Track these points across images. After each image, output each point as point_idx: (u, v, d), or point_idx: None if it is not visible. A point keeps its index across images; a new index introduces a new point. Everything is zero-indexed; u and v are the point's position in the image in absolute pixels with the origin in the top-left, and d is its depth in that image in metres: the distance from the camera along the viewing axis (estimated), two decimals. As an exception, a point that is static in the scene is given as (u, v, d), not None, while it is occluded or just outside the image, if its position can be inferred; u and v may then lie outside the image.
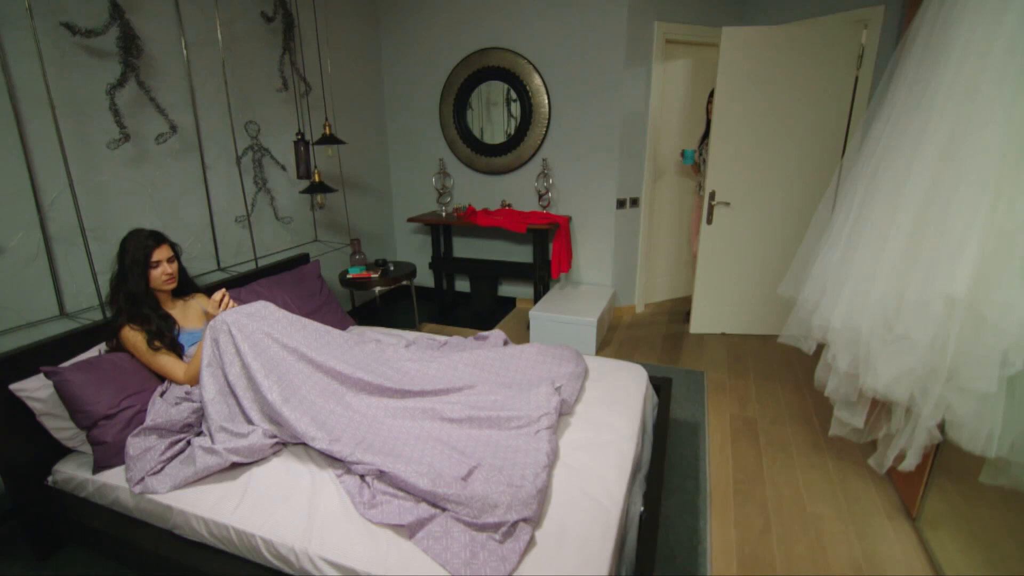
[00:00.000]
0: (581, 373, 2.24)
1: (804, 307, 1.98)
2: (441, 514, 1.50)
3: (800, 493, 2.23)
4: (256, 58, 3.10)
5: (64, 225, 2.21)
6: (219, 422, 1.79)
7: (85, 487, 1.81)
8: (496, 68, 3.97)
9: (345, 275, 3.47)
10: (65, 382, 1.77)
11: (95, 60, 2.28)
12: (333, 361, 2.03)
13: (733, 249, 3.81)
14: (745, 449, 2.52)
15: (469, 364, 2.25)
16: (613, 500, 1.58)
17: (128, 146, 2.40)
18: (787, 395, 3.01)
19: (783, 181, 3.67)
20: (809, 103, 3.50)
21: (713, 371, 3.28)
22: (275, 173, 3.27)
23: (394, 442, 1.81)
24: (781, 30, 3.56)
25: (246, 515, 1.56)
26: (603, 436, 1.89)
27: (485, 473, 1.59)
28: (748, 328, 3.93)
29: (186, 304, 2.22)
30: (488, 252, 4.46)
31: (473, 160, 4.26)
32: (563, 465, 1.74)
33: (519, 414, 1.86)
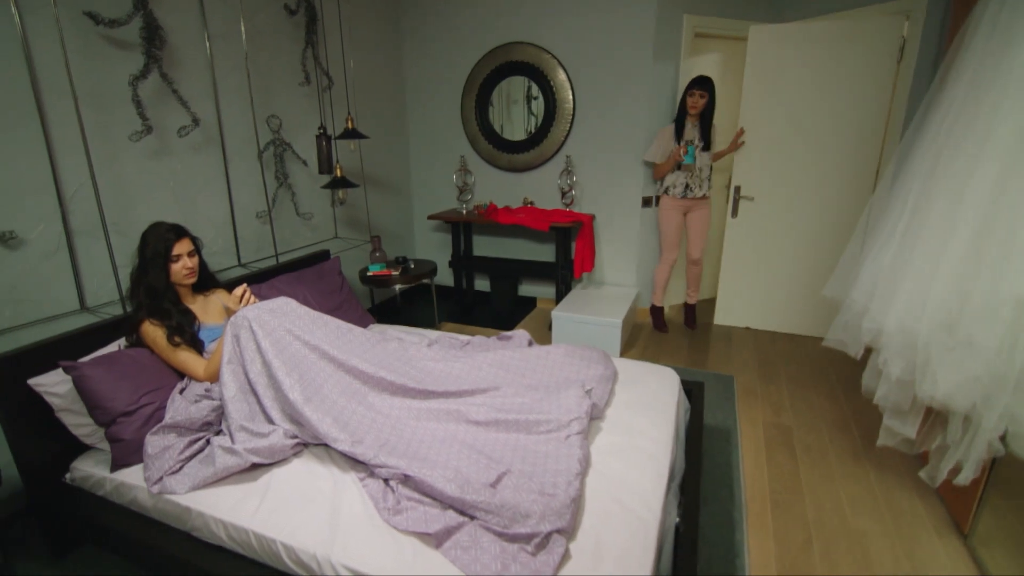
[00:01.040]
0: (611, 376, 2.15)
1: (851, 309, 1.87)
2: (469, 522, 1.42)
3: (842, 506, 2.11)
4: (278, 52, 3.06)
5: (85, 218, 2.18)
6: (239, 421, 1.73)
7: (103, 485, 1.77)
8: (520, 63, 3.89)
9: (365, 272, 3.41)
10: (84, 377, 1.73)
11: (118, 51, 2.24)
12: (355, 360, 1.96)
13: (758, 244, 3.83)
14: (781, 458, 2.41)
15: (494, 365, 2.17)
16: (651, 512, 1.50)
17: (150, 138, 2.37)
18: (822, 401, 2.88)
19: (813, 177, 3.59)
20: (843, 98, 3.39)
21: (743, 375, 3.17)
22: (296, 168, 3.23)
23: (418, 445, 1.73)
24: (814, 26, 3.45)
25: (266, 519, 1.50)
26: (636, 443, 1.80)
27: (515, 480, 1.51)
28: (774, 325, 3.91)
29: (207, 299, 2.17)
30: (509, 251, 4.38)
31: (495, 157, 4.19)
32: (595, 473, 1.65)
33: (548, 418, 1.78)
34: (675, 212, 3.67)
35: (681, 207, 3.67)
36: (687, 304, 3.99)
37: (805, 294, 3.73)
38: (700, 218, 3.69)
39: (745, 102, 3.75)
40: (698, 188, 3.59)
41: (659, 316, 3.93)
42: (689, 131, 3.51)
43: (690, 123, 3.50)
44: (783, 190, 3.68)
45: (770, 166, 3.71)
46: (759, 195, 3.76)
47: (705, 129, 3.50)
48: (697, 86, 3.38)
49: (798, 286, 3.75)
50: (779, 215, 3.72)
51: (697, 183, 3.59)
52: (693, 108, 3.42)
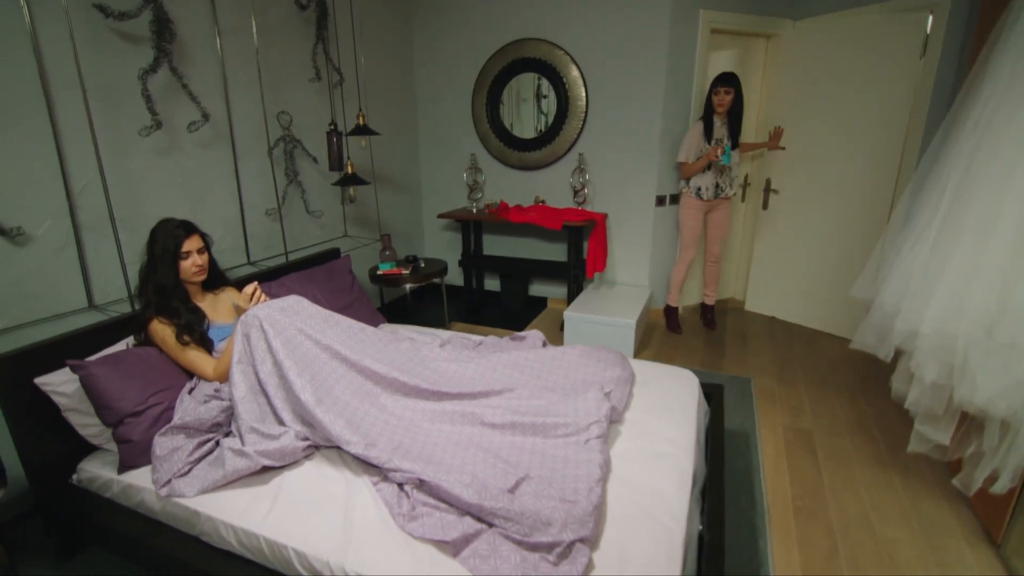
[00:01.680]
0: (628, 378, 2.09)
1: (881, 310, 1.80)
2: (488, 530, 1.37)
3: (867, 513, 2.05)
4: (289, 47, 3.02)
5: (93, 214, 2.14)
6: (249, 422, 1.68)
7: (110, 487, 1.73)
8: (532, 60, 3.84)
9: (375, 271, 3.37)
10: (91, 376, 1.69)
11: (127, 44, 2.21)
12: (368, 360, 1.92)
13: (784, 238, 3.90)
14: (802, 463, 2.35)
15: (508, 366, 2.12)
16: (676, 520, 1.44)
17: (159, 134, 2.33)
18: (842, 404, 2.81)
19: (837, 173, 3.57)
20: (867, 93, 3.34)
21: (760, 378, 3.10)
22: (306, 165, 3.19)
23: (432, 448, 1.68)
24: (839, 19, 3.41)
25: (277, 524, 1.46)
26: (657, 447, 1.75)
27: (534, 486, 1.46)
28: (797, 318, 3.95)
29: (216, 297, 2.13)
30: (519, 250, 4.33)
31: (506, 155, 4.14)
32: (616, 478, 1.60)
33: (566, 421, 1.73)
34: (698, 211, 3.58)
35: (704, 207, 3.58)
36: (704, 304, 3.91)
37: (827, 290, 3.71)
38: (723, 216, 3.63)
39: (774, 97, 3.83)
40: (729, 188, 3.53)
41: (674, 317, 3.86)
42: (718, 129, 3.41)
43: (718, 121, 3.41)
44: (808, 185, 3.72)
45: (796, 160, 3.75)
46: (784, 189, 3.84)
47: (734, 127, 3.40)
48: (722, 83, 3.28)
49: (820, 282, 3.75)
50: (803, 210, 3.77)
51: (727, 182, 3.52)
52: (720, 106, 3.32)
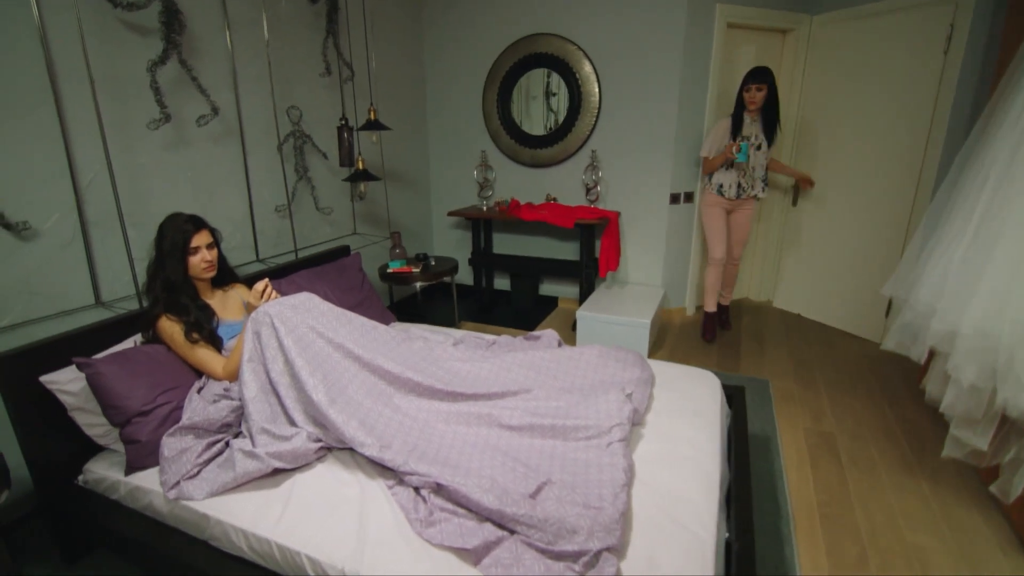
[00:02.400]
0: (648, 379, 2.02)
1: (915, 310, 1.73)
2: (509, 537, 1.31)
3: (896, 519, 1.98)
4: (299, 41, 2.97)
5: (101, 209, 2.09)
6: (260, 423, 1.63)
7: (117, 489, 1.68)
8: (544, 55, 3.78)
9: (385, 269, 3.32)
10: (98, 375, 1.64)
11: (136, 36, 2.16)
12: (381, 359, 1.86)
13: (810, 235, 3.90)
14: (826, 467, 2.28)
15: (524, 366, 2.06)
16: (706, 528, 1.37)
17: (168, 128, 2.29)
18: (864, 408, 2.74)
19: (862, 170, 3.51)
20: (887, 89, 3.29)
21: (778, 380, 3.03)
22: (316, 161, 3.14)
23: (448, 450, 1.63)
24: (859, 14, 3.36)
25: (290, 529, 1.40)
26: (681, 451, 1.68)
27: (557, 491, 1.40)
28: (822, 316, 3.92)
29: (226, 294, 2.08)
30: (530, 249, 4.27)
31: (517, 152, 4.08)
32: (640, 484, 1.53)
33: (587, 423, 1.67)
34: (719, 210, 3.44)
35: (727, 205, 3.43)
36: (720, 304, 3.78)
37: (848, 289, 3.67)
38: (745, 218, 3.49)
39: (792, 94, 3.82)
40: (751, 188, 3.37)
41: (710, 323, 3.63)
42: (748, 127, 3.26)
43: (749, 118, 3.26)
44: (832, 182, 3.69)
45: (820, 157, 3.73)
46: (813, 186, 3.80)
47: (769, 124, 3.24)
48: (753, 79, 3.12)
49: (843, 280, 3.71)
50: (827, 207, 3.75)
51: (750, 182, 3.36)
52: (752, 104, 3.17)
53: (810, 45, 3.69)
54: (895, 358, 3.26)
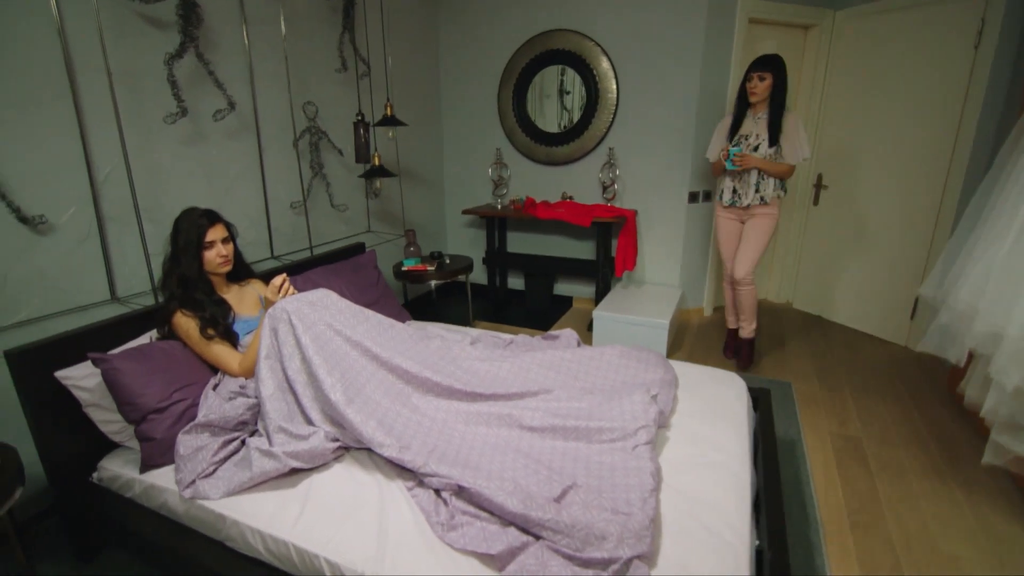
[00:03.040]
0: (671, 380, 1.97)
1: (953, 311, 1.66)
2: (534, 543, 1.26)
3: (929, 528, 1.91)
4: (315, 37, 2.94)
5: (117, 203, 2.07)
6: (278, 421, 1.60)
7: (131, 487, 1.65)
8: (561, 51, 3.73)
9: (400, 267, 3.28)
10: (114, 371, 1.61)
11: (153, 29, 2.14)
12: (399, 358, 1.82)
13: (832, 235, 3.81)
14: (854, 473, 2.21)
15: (544, 366, 2.02)
16: (738, 535, 1.32)
17: (184, 122, 2.26)
18: (891, 411, 2.66)
19: (885, 169, 3.43)
20: (915, 86, 3.21)
21: (801, 382, 2.95)
22: (331, 158, 3.11)
23: (468, 451, 1.58)
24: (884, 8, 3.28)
25: (308, 530, 1.36)
26: (709, 455, 1.63)
27: (583, 495, 1.35)
28: (843, 318, 3.82)
29: (242, 290, 2.05)
30: (544, 247, 4.22)
31: (532, 150, 4.03)
32: (668, 488, 1.48)
33: (612, 425, 1.62)
34: (725, 220, 3.11)
35: (735, 215, 3.06)
36: (734, 332, 3.29)
37: (872, 290, 3.59)
38: (752, 229, 2.99)
39: (814, 91, 3.74)
40: (745, 195, 2.92)
41: (729, 340, 3.33)
42: (749, 124, 2.88)
43: (751, 115, 2.88)
44: (856, 181, 3.61)
45: (844, 156, 3.65)
46: (834, 184, 3.75)
47: (774, 121, 2.78)
48: (755, 67, 2.76)
49: (866, 281, 3.63)
50: (851, 206, 3.66)
51: (745, 189, 2.92)
52: (752, 95, 2.79)
53: (833, 41, 3.62)
54: (921, 361, 3.18)
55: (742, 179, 2.93)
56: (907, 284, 3.32)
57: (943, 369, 3.05)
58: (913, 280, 3.29)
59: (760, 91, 2.78)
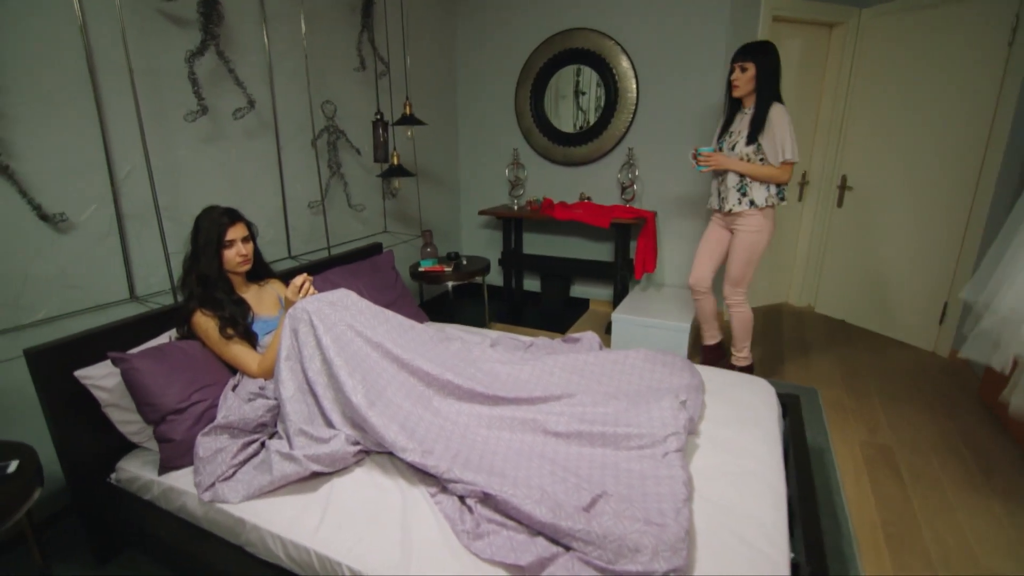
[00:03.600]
0: (699, 385, 1.91)
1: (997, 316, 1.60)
2: (564, 553, 1.22)
3: (968, 542, 1.83)
4: (334, 35, 2.92)
5: (136, 201, 2.06)
6: (298, 424, 1.56)
7: (150, 489, 1.62)
8: (580, 51, 3.69)
9: (416, 268, 3.25)
10: (133, 370, 1.59)
11: (174, 27, 2.13)
12: (420, 360, 1.78)
13: (857, 238, 3.72)
14: (886, 483, 2.13)
15: (566, 369, 1.97)
16: (777, 549, 1.26)
17: (204, 121, 2.25)
18: (922, 419, 2.58)
19: (914, 170, 3.34)
20: (945, 85, 3.12)
21: (827, 388, 2.88)
22: (349, 157, 3.09)
23: (492, 457, 1.54)
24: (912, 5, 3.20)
25: (329, 537, 1.33)
26: (741, 464, 1.57)
27: (613, 505, 1.30)
28: (868, 322, 3.73)
29: (261, 289, 2.03)
30: (560, 249, 4.17)
31: (549, 150, 3.99)
32: (700, 498, 1.43)
33: (640, 432, 1.57)
34: (712, 223, 2.82)
35: (721, 220, 2.77)
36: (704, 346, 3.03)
37: (899, 294, 3.50)
38: (734, 244, 2.68)
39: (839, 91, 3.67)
40: (725, 200, 2.62)
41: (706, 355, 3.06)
42: (738, 120, 2.60)
43: (742, 110, 2.58)
44: (883, 183, 3.52)
45: (871, 156, 3.57)
46: (859, 186, 3.66)
47: (756, 116, 2.47)
48: (736, 56, 2.49)
49: (893, 285, 3.54)
50: (878, 208, 3.57)
51: (725, 193, 2.62)
52: (735, 88, 2.51)
53: (858, 39, 3.54)
54: (950, 367, 3.09)
55: (723, 181, 2.65)
56: (936, 288, 3.24)
57: (974, 376, 2.96)
58: (942, 284, 3.20)
59: (742, 83, 2.50)
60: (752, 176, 2.52)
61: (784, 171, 2.48)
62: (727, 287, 2.77)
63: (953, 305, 3.15)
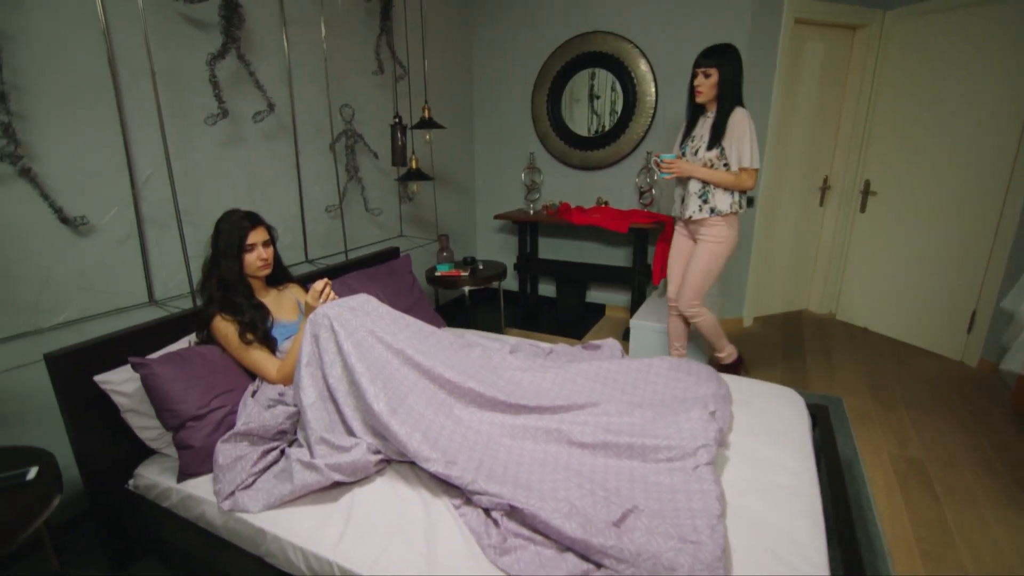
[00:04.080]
0: (726, 395, 1.86)
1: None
2: (595, 571, 1.18)
3: (1007, 560, 1.77)
4: (352, 39, 2.91)
5: (156, 204, 2.05)
6: (319, 432, 1.53)
7: (168, 496, 1.60)
8: (598, 54, 3.65)
9: (432, 272, 3.23)
10: (154, 376, 1.57)
11: (195, 30, 2.12)
12: (441, 367, 1.75)
13: (881, 243, 3.65)
14: (919, 498, 2.07)
15: (589, 377, 1.93)
16: (815, 567, 1.21)
17: (224, 124, 2.23)
18: (953, 431, 2.51)
19: (940, 175, 3.27)
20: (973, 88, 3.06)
21: (852, 398, 2.81)
22: (366, 161, 3.07)
23: (517, 468, 1.50)
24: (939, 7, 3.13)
25: (351, 549, 1.29)
26: (773, 477, 1.52)
27: (645, 520, 1.25)
28: (891, 330, 3.64)
29: (280, 294, 2.01)
30: (577, 254, 4.13)
31: (566, 154, 3.95)
32: (732, 514, 1.38)
33: (669, 443, 1.52)
34: (677, 233, 2.73)
35: (684, 230, 2.68)
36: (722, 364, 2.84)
37: (925, 302, 3.41)
38: (696, 252, 2.58)
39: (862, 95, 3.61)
40: (686, 207, 2.54)
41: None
42: (700, 126, 2.51)
43: (705, 114, 2.50)
44: (909, 188, 3.45)
45: (896, 161, 3.50)
46: (883, 191, 3.59)
47: (718, 120, 2.39)
48: (698, 62, 2.39)
49: (918, 292, 3.45)
50: (903, 214, 3.50)
51: (686, 200, 2.54)
52: (698, 94, 2.42)
53: (882, 42, 3.48)
54: (980, 377, 3.02)
55: (685, 187, 2.56)
56: (963, 296, 3.16)
57: (1005, 386, 2.88)
58: (969, 292, 3.12)
59: (706, 89, 2.40)
60: (714, 183, 2.44)
61: (745, 177, 2.40)
62: (682, 300, 2.66)
63: (982, 314, 3.07)
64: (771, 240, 3.81)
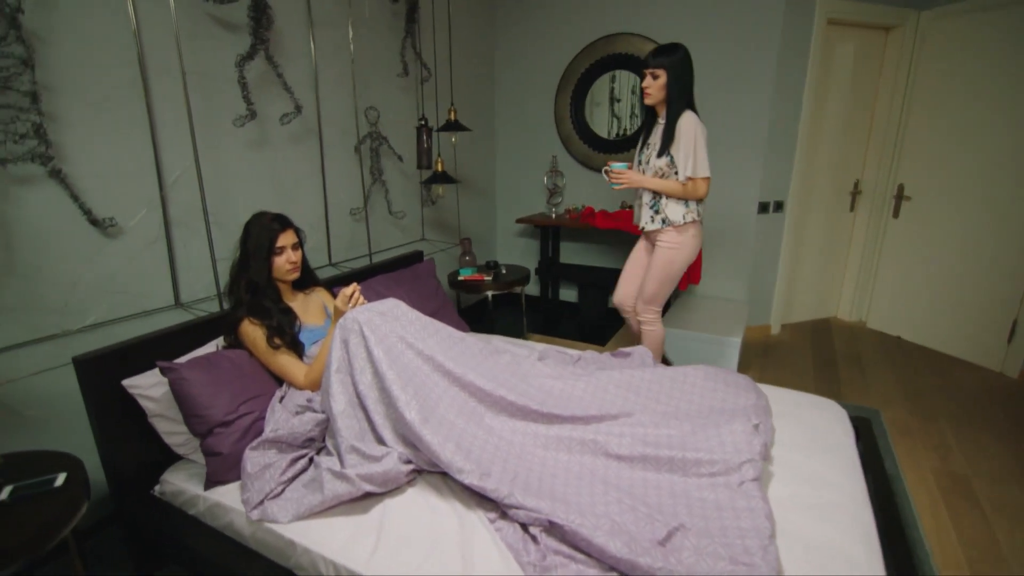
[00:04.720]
0: (765, 407, 1.79)
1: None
2: (643, 593, 1.12)
3: (1066, 586, 1.67)
4: (378, 41, 2.89)
5: (183, 206, 2.03)
6: (350, 440, 1.49)
7: (195, 504, 1.57)
8: (623, 56, 3.60)
9: (455, 276, 3.19)
10: (182, 380, 1.54)
11: (224, 31, 2.11)
12: (472, 375, 1.70)
13: (915, 250, 3.54)
14: (966, 515, 1.98)
15: (621, 386, 1.87)
16: (876, 594, 1.14)
17: (252, 126, 2.22)
18: (997, 445, 2.41)
19: (977, 180, 3.17)
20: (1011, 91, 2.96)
21: (890, 409, 2.71)
22: (390, 164, 3.05)
23: (552, 480, 1.45)
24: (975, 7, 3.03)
25: (385, 565, 1.25)
26: (822, 494, 1.45)
27: (693, 539, 1.20)
28: (925, 339, 3.53)
29: (307, 298, 1.98)
30: (598, 258, 4.07)
31: (589, 157, 3.90)
32: (781, 533, 1.31)
33: (712, 457, 1.46)
34: (639, 240, 2.67)
35: (645, 238, 2.61)
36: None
37: (962, 311, 3.30)
38: (653, 260, 2.47)
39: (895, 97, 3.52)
40: (640, 217, 2.47)
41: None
42: (654, 133, 2.39)
43: (658, 119, 2.38)
44: (943, 192, 3.34)
45: (930, 165, 3.40)
46: (918, 196, 3.48)
47: (667, 127, 2.27)
48: (646, 62, 2.27)
49: (954, 301, 3.34)
50: (938, 220, 3.39)
51: (639, 211, 2.47)
52: (646, 96, 2.30)
53: (916, 43, 3.38)
54: (1022, 388, 2.90)
55: (640, 197, 2.46)
56: (1003, 305, 3.05)
57: (1050, 400, 2.77)
58: (1011, 301, 3.01)
59: (653, 91, 2.27)
60: (665, 193, 2.34)
61: (692, 187, 2.29)
62: (640, 303, 2.56)
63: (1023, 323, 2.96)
64: (800, 246, 3.73)
